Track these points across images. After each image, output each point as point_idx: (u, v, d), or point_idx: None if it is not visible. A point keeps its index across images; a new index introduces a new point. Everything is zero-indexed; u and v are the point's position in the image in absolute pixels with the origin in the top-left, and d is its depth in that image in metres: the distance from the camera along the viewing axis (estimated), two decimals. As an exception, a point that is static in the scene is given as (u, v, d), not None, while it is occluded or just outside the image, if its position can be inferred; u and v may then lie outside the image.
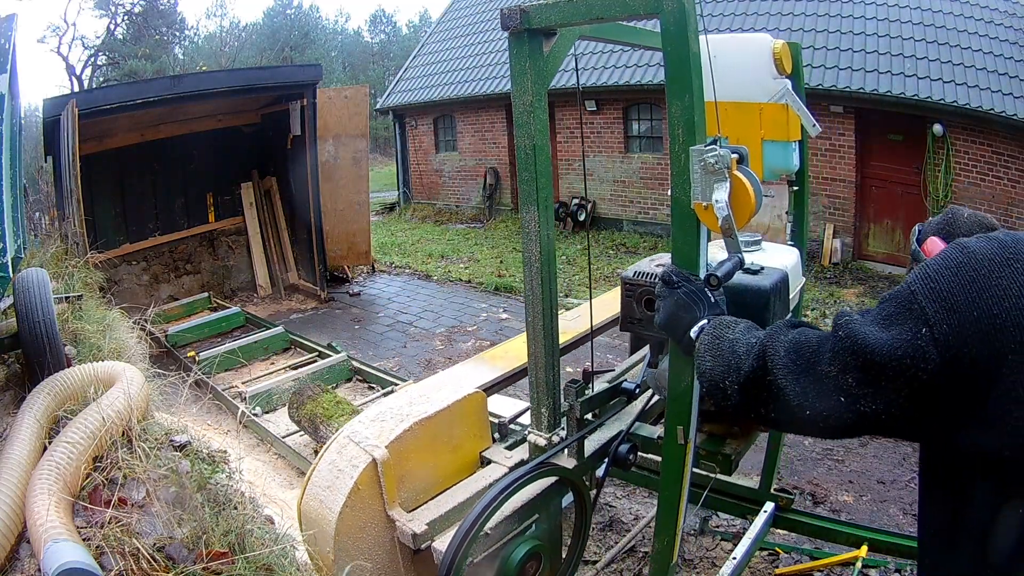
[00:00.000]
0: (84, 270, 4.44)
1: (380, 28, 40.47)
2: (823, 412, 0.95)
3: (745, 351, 1.09)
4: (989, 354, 0.83)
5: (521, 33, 1.69)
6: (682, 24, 1.42)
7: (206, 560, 1.60)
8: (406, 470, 1.86)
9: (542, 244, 1.78)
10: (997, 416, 0.83)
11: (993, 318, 0.83)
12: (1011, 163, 7.00)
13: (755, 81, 1.84)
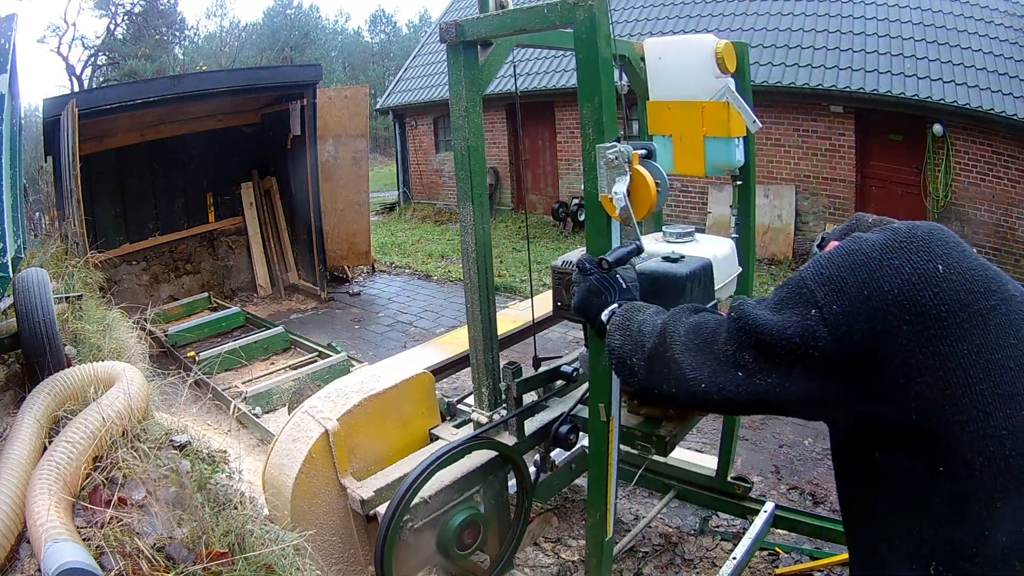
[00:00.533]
0: (84, 270, 4.44)
1: (380, 28, 40.48)
2: (720, 386, 1.03)
3: (650, 331, 1.17)
4: (882, 330, 0.90)
5: (457, 45, 1.86)
6: (592, 32, 1.54)
7: (206, 560, 1.60)
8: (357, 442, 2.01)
9: (478, 236, 1.98)
10: (899, 386, 0.89)
11: (884, 296, 0.90)
12: (1011, 163, 7.00)
13: (698, 80, 1.92)
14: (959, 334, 0.89)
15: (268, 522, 1.92)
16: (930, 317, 0.89)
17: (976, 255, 1.00)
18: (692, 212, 9.75)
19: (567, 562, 2.91)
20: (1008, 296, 0.94)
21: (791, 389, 0.98)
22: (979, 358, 0.88)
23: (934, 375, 0.88)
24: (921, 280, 0.91)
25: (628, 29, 10.53)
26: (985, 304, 0.91)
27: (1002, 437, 0.87)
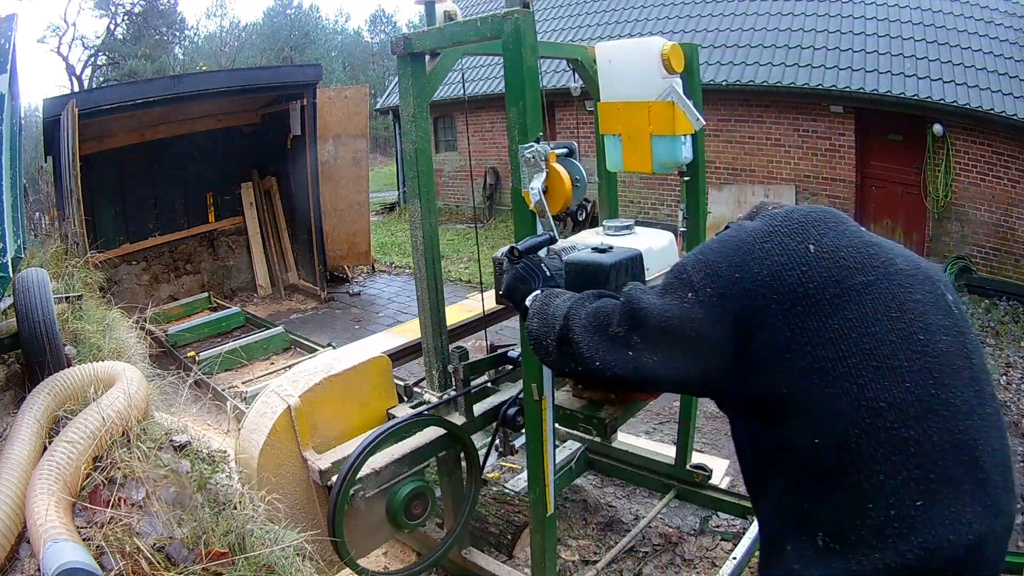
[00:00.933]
0: (84, 270, 4.44)
1: (380, 28, 40.47)
2: (613, 363, 1.11)
3: (560, 315, 1.25)
4: (752, 310, 0.97)
5: (405, 56, 2.04)
6: (518, 43, 1.67)
7: (206, 560, 1.60)
8: (318, 418, 2.17)
9: (425, 231, 2.20)
10: (770, 361, 0.95)
11: (754, 277, 0.97)
12: (1011, 163, 7.00)
13: (645, 81, 2.00)
14: (829, 310, 0.93)
15: (268, 522, 1.93)
16: (797, 295, 0.95)
17: (861, 233, 1.06)
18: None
19: (567, 562, 2.91)
20: (892, 271, 0.98)
21: (675, 367, 1.05)
22: (852, 332, 0.92)
23: (803, 350, 0.93)
24: (790, 261, 0.97)
25: (624, 30, 10.54)
26: (861, 280, 0.96)
27: (881, 409, 0.90)
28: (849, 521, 0.92)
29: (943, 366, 0.95)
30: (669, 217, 10.04)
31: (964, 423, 0.93)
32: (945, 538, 0.89)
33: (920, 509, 0.89)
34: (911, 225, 8.07)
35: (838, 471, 0.92)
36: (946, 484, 0.90)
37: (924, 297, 0.99)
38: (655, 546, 3.04)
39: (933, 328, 0.97)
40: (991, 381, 1.03)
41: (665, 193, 10.05)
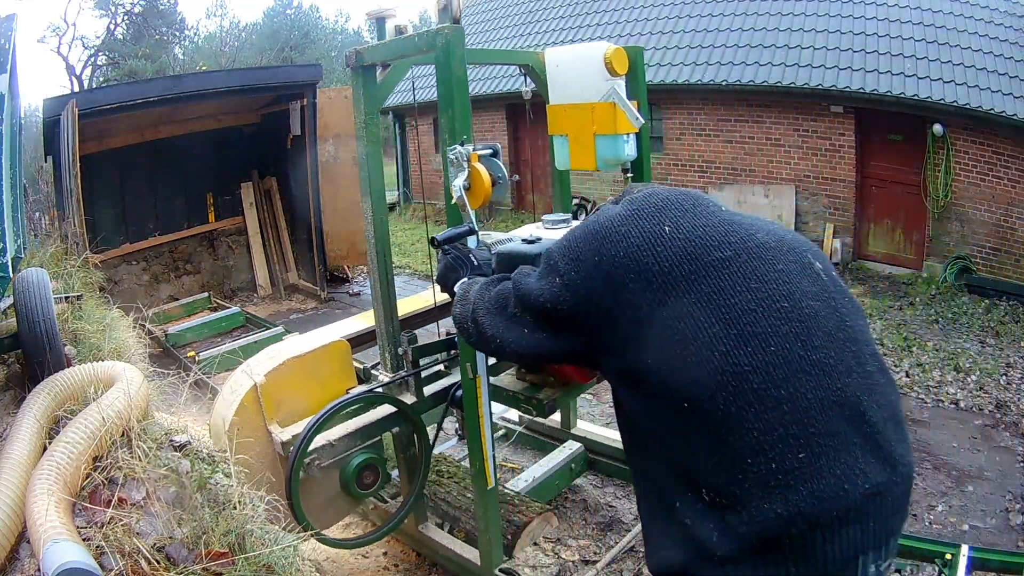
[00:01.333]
0: (84, 270, 4.44)
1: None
2: (511, 340, 1.23)
3: (475, 299, 1.36)
4: (613, 289, 1.05)
5: (357, 68, 2.25)
6: (447, 56, 1.86)
7: (206, 560, 1.60)
8: (282, 396, 2.36)
9: (376, 226, 2.40)
10: (634, 336, 1.03)
11: (612, 259, 1.06)
12: (1011, 163, 7.00)
13: (589, 84, 2.11)
14: (685, 285, 1.01)
15: (268, 522, 1.93)
16: (653, 273, 1.02)
17: (721, 213, 1.12)
18: (692, 212, 9.75)
19: (567, 562, 2.91)
20: (751, 245, 1.05)
21: (559, 342, 1.17)
22: (710, 304, 0.99)
23: (662, 324, 1.00)
24: (646, 243, 1.05)
25: (623, 30, 10.54)
26: (718, 256, 1.03)
27: (746, 373, 0.96)
28: (731, 477, 0.96)
29: (811, 329, 1.00)
30: (669, 217, 10.04)
31: (842, 381, 0.99)
32: (840, 487, 0.94)
33: (803, 461, 0.94)
34: (911, 225, 8.07)
35: (717, 435, 0.97)
36: (830, 437, 0.96)
37: (788, 267, 1.05)
38: (655, 546, 3.03)
39: (798, 295, 1.02)
40: (871, 342, 1.09)
41: (665, 193, 10.04)
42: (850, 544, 0.98)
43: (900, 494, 1.03)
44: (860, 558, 0.99)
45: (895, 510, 1.02)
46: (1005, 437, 4.39)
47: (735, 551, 0.97)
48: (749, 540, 0.97)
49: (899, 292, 7.48)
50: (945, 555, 2.46)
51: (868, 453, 0.99)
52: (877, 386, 1.04)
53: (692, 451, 1.01)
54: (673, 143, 9.82)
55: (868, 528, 0.99)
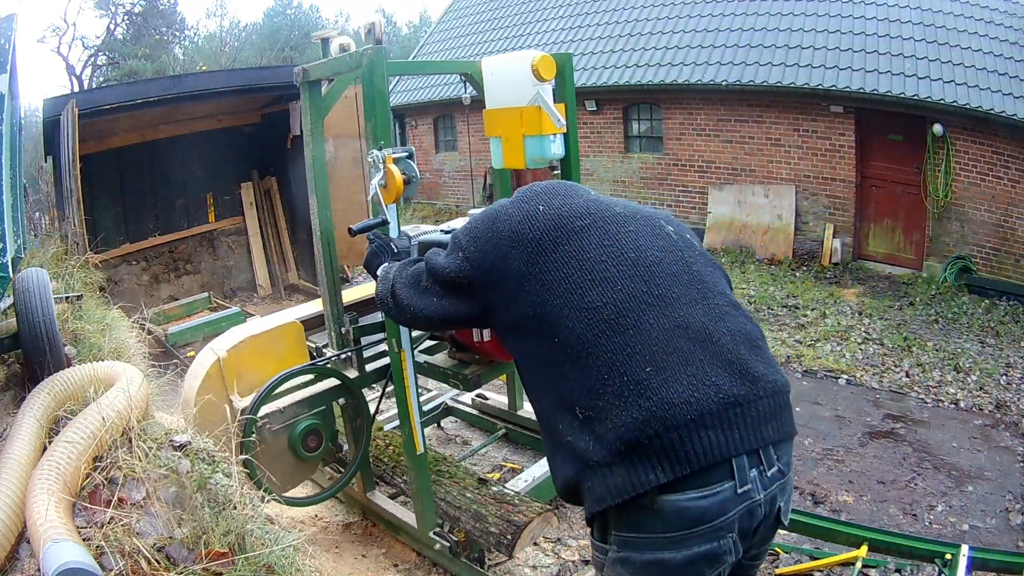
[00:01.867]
0: (84, 270, 4.43)
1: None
2: (423, 308, 1.48)
3: (391, 278, 1.62)
4: (501, 256, 1.34)
5: (305, 84, 2.57)
6: (371, 73, 2.13)
7: (206, 560, 1.60)
8: (243, 369, 2.64)
9: (321, 220, 2.72)
10: (518, 291, 1.31)
11: (500, 234, 1.35)
12: (1011, 163, 7.00)
13: (518, 89, 2.28)
14: (552, 247, 1.29)
15: (268, 522, 1.93)
16: (528, 241, 1.32)
17: (588, 196, 1.42)
18: (692, 212, 9.75)
19: (567, 562, 2.91)
20: (607, 215, 1.34)
21: (461, 306, 1.43)
22: (571, 259, 1.27)
23: (537, 278, 1.29)
24: (524, 219, 1.35)
25: (623, 30, 10.54)
26: (579, 224, 1.32)
27: (598, 308, 1.22)
28: (595, 393, 1.19)
29: (655, 273, 1.26)
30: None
31: (684, 311, 1.23)
32: (690, 395, 1.14)
33: (650, 374, 1.16)
34: (911, 225, 8.07)
35: (579, 359, 1.21)
36: (673, 354, 1.18)
37: (638, 228, 1.34)
38: (655, 546, 3.04)
39: (644, 247, 1.30)
40: (721, 283, 1.34)
41: (665, 193, 10.04)
42: (714, 446, 1.13)
43: (768, 407, 1.20)
44: (733, 461, 1.15)
45: (764, 420, 1.19)
46: (1005, 437, 4.39)
47: (606, 456, 1.16)
48: (615, 444, 1.15)
49: (899, 292, 7.48)
50: (945, 555, 2.46)
51: (719, 368, 1.18)
52: (726, 316, 1.26)
53: (564, 378, 1.24)
54: (673, 143, 9.82)
55: (733, 435, 1.15)
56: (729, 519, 1.15)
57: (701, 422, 1.13)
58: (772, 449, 1.20)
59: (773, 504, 1.22)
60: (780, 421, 1.22)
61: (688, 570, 1.17)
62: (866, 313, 6.75)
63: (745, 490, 1.16)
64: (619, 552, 1.21)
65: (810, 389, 5.18)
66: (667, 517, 1.14)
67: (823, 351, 5.81)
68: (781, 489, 1.23)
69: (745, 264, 8.58)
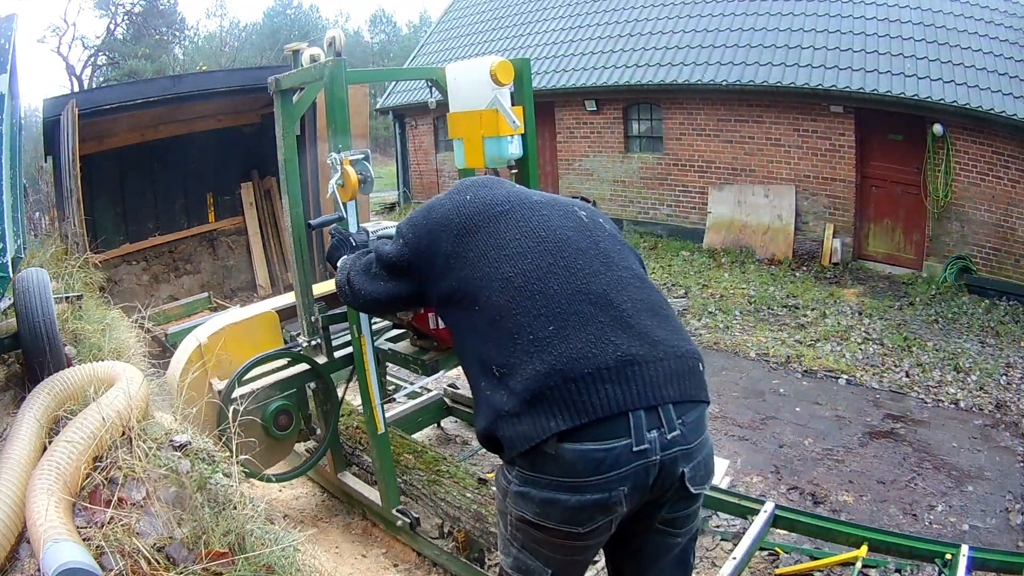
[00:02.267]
0: (84, 270, 4.44)
1: (380, 28, 40.47)
2: (374, 291, 1.66)
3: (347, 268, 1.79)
4: (434, 241, 1.53)
5: (277, 92, 2.80)
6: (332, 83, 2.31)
7: (206, 560, 1.60)
8: (222, 355, 2.83)
9: (293, 218, 2.87)
10: (447, 269, 1.49)
11: (433, 221, 1.55)
12: (1011, 163, 7.00)
13: (478, 93, 2.40)
14: (475, 230, 1.48)
15: (268, 522, 1.93)
16: (455, 225, 1.51)
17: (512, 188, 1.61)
18: (692, 212, 9.75)
19: (567, 562, 2.90)
20: (525, 202, 1.53)
21: (403, 287, 1.61)
22: (490, 239, 1.46)
23: (462, 256, 1.47)
24: (453, 207, 1.55)
25: (624, 29, 10.53)
26: (499, 209, 1.51)
27: (511, 278, 1.39)
28: (508, 352, 1.34)
29: (563, 248, 1.43)
30: (669, 217, 10.04)
31: (587, 280, 1.38)
32: (588, 351, 1.29)
33: (552, 332, 1.31)
34: (911, 225, 8.07)
35: (494, 324, 1.38)
36: (574, 316, 1.33)
37: (551, 212, 1.51)
38: (655, 546, 3.03)
39: (555, 227, 1.47)
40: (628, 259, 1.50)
41: (665, 193, 10.05)
42: (610, 400, 1.26)
43: (668, 369, 1.32)
44: (630, 415, 1.27)
45: (665, 380, 1.31)
46: (1005, 437, 4.39)
47: (516, 406, 1.30)
48: (523, 395, 1.29)
49: (899, 292, 7.48)
50: (945, 555, 2.46)
51: (618, 330, 1.32)
52: (629, 286, 1.41)
53: (484, 341, 1.40)
54: (673, 143, 9.82)
55: (630, 390, 1.28)
56: (622, 474, 1.27)
57: (598, 375, 1.26)
58: (672, 410, 1.30)
59: (674, 467, 1.31)
60: (682, 384, 1.34)
61: (580, 514, 1.30)
62: (866, 313, 6.75)
63: (642, 449, 1.27)
64: (520, 487, 1.36)
65: (810, 389, 5.18)
66: (565, 464, 1.27)
67: (823, 351, 5.81)
68: (685, 456, 1.32)
69: (745, 264, 8.58)
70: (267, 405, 2.79)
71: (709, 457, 1.40)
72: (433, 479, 2.79)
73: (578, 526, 1.31)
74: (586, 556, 1.45)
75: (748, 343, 6.04)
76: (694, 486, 1.35)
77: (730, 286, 7.74)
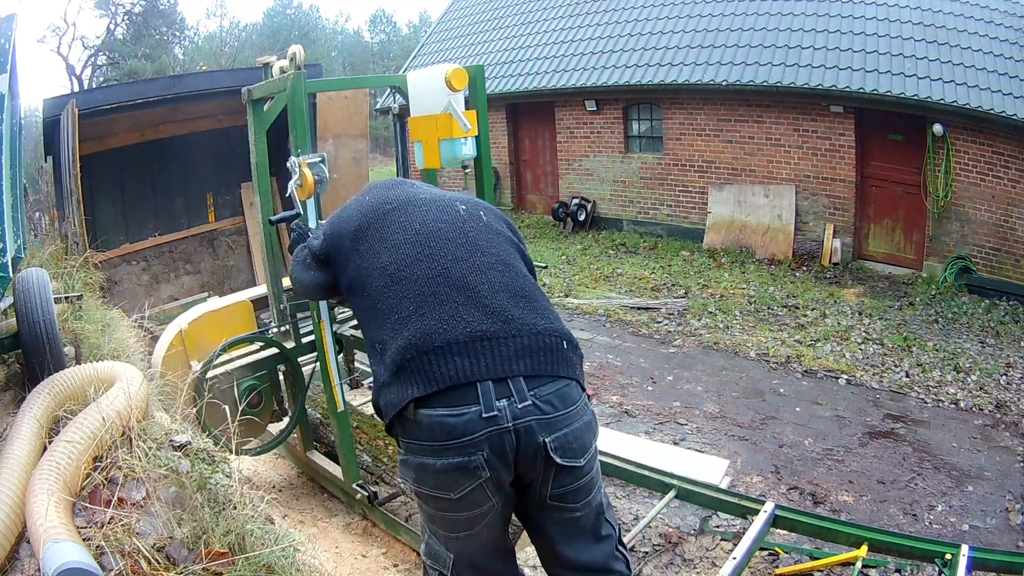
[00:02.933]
0: (84, 270, 4.43)
1: (380, 28, 40.46)
2: (306, 280, 1.86)
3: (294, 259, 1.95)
4: (339, 237, 1.73)
5: (250, 102, 3.02)
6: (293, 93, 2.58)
7: (206, 560, 1.60)
8: (201, 339, 3.17)
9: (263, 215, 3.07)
10: (347, 262, 1.69)
11: (342, 219, 1.76)
12: (1011, 163, 7.00)
13: (434, 99, 2.57)
14: (367, 227, 1.68)
15: (268, 522, 1.93)
16: (354, 223, 1.71)
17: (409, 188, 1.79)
18: (692, 212, 9.76)
19: (567, 562, 2.90)
20: (411, 200, 1.71)
21: (324, 277, 1.80)
22: (377, 233, 1.65)
23: (356, 250, 1.67)
24: (356, 207, 1.76)
25: (625, 29, 10.53)
26: (388, 207, 1.70)
27: (387, 266, 1.59)
28: (382, 330, 1.54)
29: (432, 239, 1.60)
30: (669, 217, 10.05)
31: (449, 265, 1.55)
32: (440, 327, 1.46)
33: (412, 311, 1.50)
34: (911, 225, 8.07)
35: (375, 307, 1.58)
36: (431, 296, 1.50)
37: (430, 208, 1.68)
38: (655, 546, 3.04)
39: (430, 221, 1.64)
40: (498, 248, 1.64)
41: (665, 193, 10.05)
42: (459, 370, 1.41)
43: (520, 345, 1.46)
44: (478, 385, 1.40)
45: (516, 355, 1.44)
46: (1005, 437, 4.39)
47: (388, 377, 1.48)
48: (391, 367, 1.47)
49: (899, 292, 7.48)
50: (945, 555, 2.46)
51: (473, 309, 1.48)
52: (490, 271, 1.56)
53: (370, 323, 1.60)
54: (673, 143, 9.83)
55: (480, 362, 1.42)
56: (477, 438, 1.39)
57: (448, 348, 1.43)
58: (524, 382, 1.42)
59: (531, 436, 1.41)
60: (535, 359, 1.46)
61: (447, 477, 1.42)
62: (866, 313, 6.75)
63: (491, 416, 1.39)
64: (403, 455, 1.51)
65: (810, 389, 5.18)
66: (425, 429, 1.42)
67: (823, 351, 5.81)
68: (544, 426, 1.42)
69: (745, 264, 8.58)
70: (239, 385, 3.01)
71: (583, 431, 1.48)
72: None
73: (449, 491, 1.43)
74: (477, 534, 1.52)
75: (748, 343, 6.04)
76: (561, 457, 1.43)
77: (730, 286, 7.74)
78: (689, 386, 5.27)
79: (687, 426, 4.62)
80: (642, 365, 5.71)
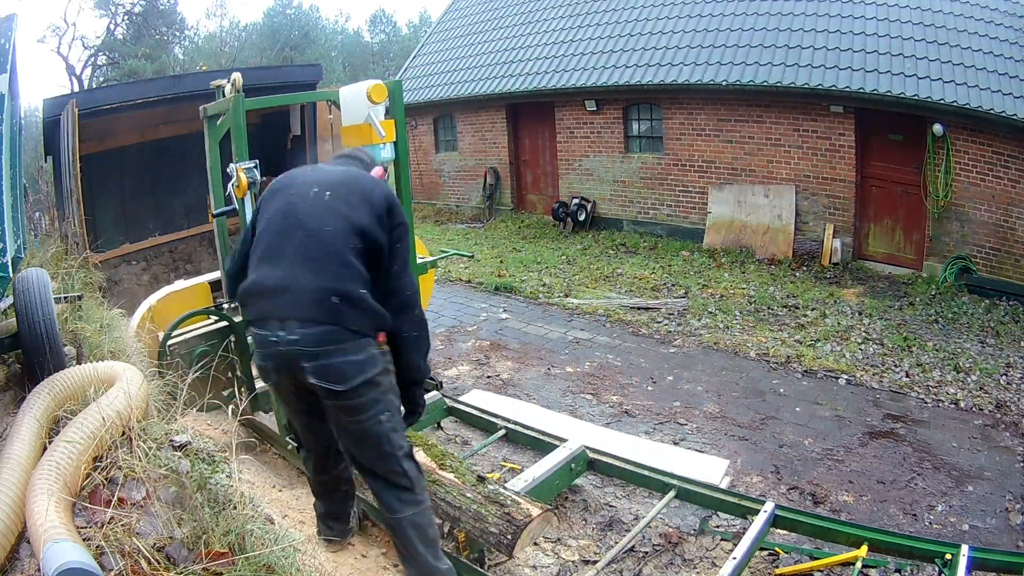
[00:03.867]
0: (84, 270, 4.43)
1: (380, 28, 40.43)
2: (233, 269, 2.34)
3: None
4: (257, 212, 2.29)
5: (206, 118, 3.57)
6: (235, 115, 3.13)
7: (206, 560, 1.60)
8: (166, 314, 3.76)
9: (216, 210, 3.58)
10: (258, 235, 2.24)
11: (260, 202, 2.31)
12: (1011, 163, 7.00)
13: (358, 110, 3.00)
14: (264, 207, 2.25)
15: (268, 522, 1.93)
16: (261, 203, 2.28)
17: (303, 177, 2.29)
18: (692, 212, 9.76)
19: (567, 562, 2.91)
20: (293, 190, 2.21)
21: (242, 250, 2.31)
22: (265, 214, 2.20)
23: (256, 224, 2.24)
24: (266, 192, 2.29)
25: (625, 29, 10.52)
26: (274, 191, 2.26)
27: (261, 234, 2.18)
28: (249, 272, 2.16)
29: (284, 217, 2.15)
30: (669, 217, 10.05)
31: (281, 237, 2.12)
32: (264, 279, 2.08)
33: (254, 267, 2.13)
34: (911, 225, 8.07)
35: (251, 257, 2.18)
36: (269, 258, 2.11)
37: (298, 192, 2.19)
38: (655, 546, 3.04)
39: (291, 203, 2.17)
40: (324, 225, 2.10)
41: (665, 193, 10.05)
42: (263, 309, 2.07)
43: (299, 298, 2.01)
44: (268, 321, 2.05)
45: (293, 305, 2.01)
46: (1005, 437, 4.39)
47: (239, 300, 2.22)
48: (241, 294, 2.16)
49: (899, 292, 7.48)
50: (945, 555, 2.46)
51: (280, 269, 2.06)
52: (303, 243, 2.07)
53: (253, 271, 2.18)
54: (673, 143, 9.83)
55: (274, 304, 2.04)
56: (268, 352, 2.07)
57: (261, 294, 2.08)
58: (295, 324, 2.00)
59: (295, 360, 2.01)
60: (305, 309, 2.00)
61: (262, 372, 2.20)
62: (866, 313, 6.75)
63: (274, 340, 2.02)
64: None
65: (810, 389, 5.18)
66: (252, 338, 2.17)
67: (823, 351, 5.81)
68: (305, 355, 1.99)
69: (745, 264, 8.58)
70: (193, 350, 3.55)
71: (343, 365, 2.01)
72: (435, 478, 2.79)
73: (267, 380, 2.25)
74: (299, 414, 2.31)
75: (748, 343, 6.04)
76: (316, 379, 2.01)
77: (730, 286, 7.74)
78: (689, 386, 5.27)
79: (687, 426, 4.62)
80: (642, 365, 5.71)
